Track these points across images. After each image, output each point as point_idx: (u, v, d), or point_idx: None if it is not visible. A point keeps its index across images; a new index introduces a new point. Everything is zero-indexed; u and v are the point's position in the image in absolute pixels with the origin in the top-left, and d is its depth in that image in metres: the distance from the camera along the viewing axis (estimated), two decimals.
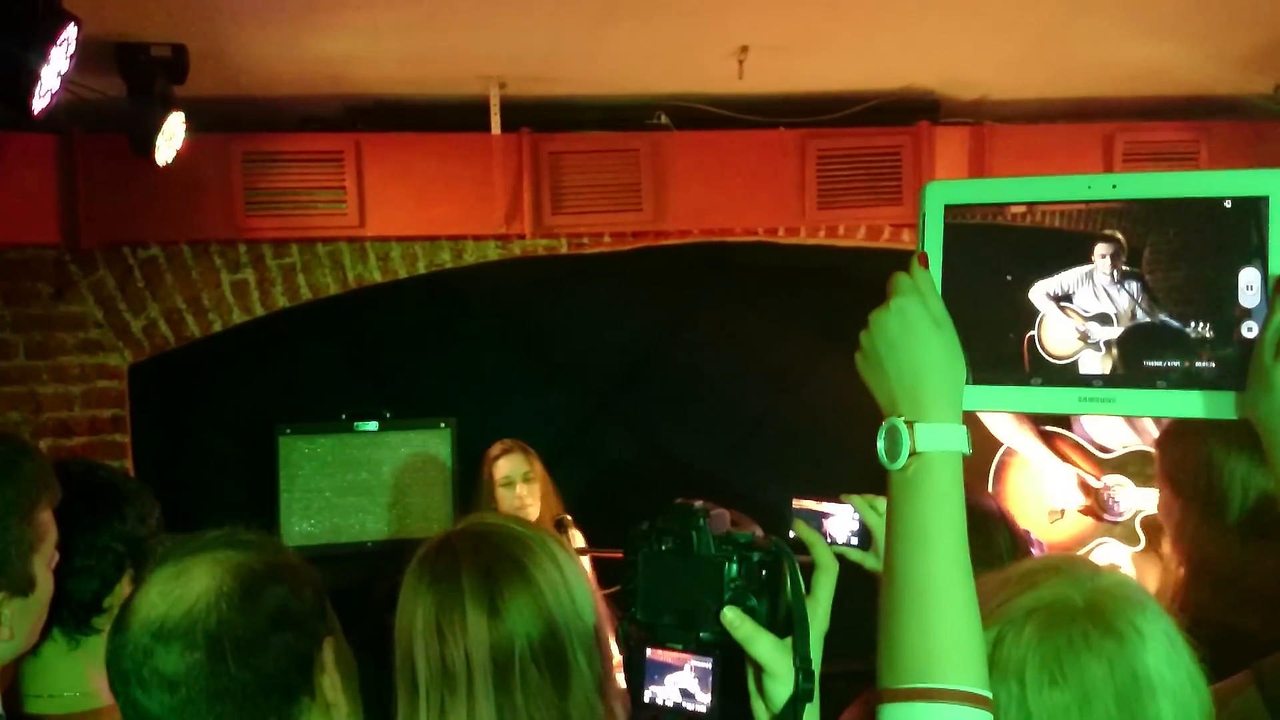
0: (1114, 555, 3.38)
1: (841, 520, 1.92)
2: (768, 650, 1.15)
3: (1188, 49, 4.05)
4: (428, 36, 3.72)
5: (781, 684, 1.14)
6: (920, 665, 1.02)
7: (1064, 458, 3.50)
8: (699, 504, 1.20)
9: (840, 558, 1.95)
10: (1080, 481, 3.45)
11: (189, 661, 1.22)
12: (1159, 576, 2.00)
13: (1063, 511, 3.49)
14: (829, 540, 1.94)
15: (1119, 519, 3.40)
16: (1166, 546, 1.91)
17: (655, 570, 1.19)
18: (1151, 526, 3.26)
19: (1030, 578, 1.19)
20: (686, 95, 4.52)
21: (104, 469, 1.84)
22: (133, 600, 1.28)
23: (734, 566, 1.16)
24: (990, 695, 1.02)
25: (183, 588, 1.25)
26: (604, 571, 3.08)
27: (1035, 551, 3.24)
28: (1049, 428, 3.54)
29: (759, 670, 1.16)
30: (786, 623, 1.16)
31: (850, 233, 4.79)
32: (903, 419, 1.07)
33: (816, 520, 1.95)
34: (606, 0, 3.43)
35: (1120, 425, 3.42)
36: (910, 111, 4.69)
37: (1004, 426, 3.58)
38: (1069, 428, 3.53)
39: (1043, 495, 3.55)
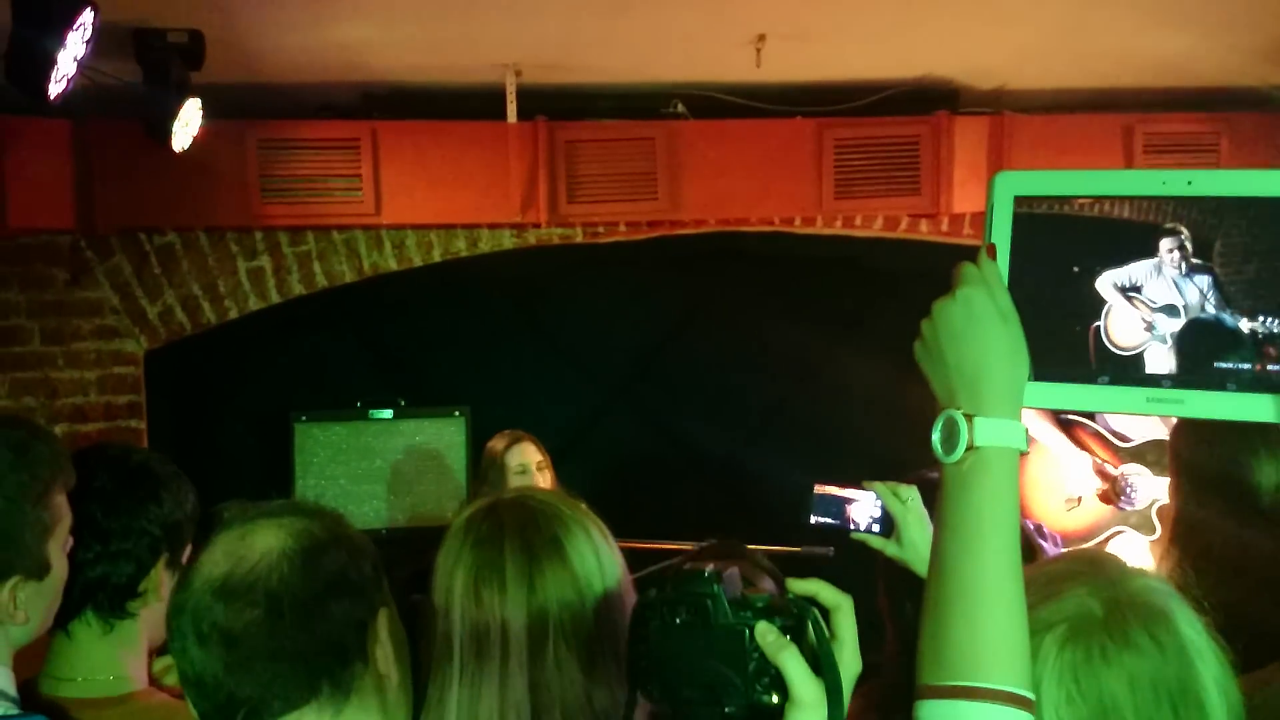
0: (1130, 544, 3.36)
1: (864, 506, 1.93)
2: None
3: (1209, 40, 4.02)
4: (444, 24, 3.71)
5: None
6: (966, 663, 1.00)
7: (1082, 445, 3.47)
8: (710, 569, 1.11)
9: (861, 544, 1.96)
10: (1097, 469, 3.43)
11: (248, 619, 1.23)
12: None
13: (1079, 499, 3.47)
14: (852, 526, 1.95)
15: (1135, 508, 3.37)
16: (1166, 534, 1.90)
17: (670, 644, 1.10)
18: (1168, 516, 3.23)
19: (1053, 584, 1.16)
20: (703, 84, 4.50)
21: (139, 452, 1.83)
22: (198, 559, 1.30)
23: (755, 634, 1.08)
24: (1033, 697, 1.01)
25: (246, 548, 1.27)
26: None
27: (1046, 545, 3.22)
28: (1067, 415, 3.50)
29: None
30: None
31: (867, 223, 4.76)
32: (961, 412, 1.05)
33: (839, 505, 1.95)
34: None
35: (1145, 417, 3.38)
36: (929, 101, 4.67)
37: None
38: (1090, 416, 3.49)
39: (1060, 482, 3.52)
